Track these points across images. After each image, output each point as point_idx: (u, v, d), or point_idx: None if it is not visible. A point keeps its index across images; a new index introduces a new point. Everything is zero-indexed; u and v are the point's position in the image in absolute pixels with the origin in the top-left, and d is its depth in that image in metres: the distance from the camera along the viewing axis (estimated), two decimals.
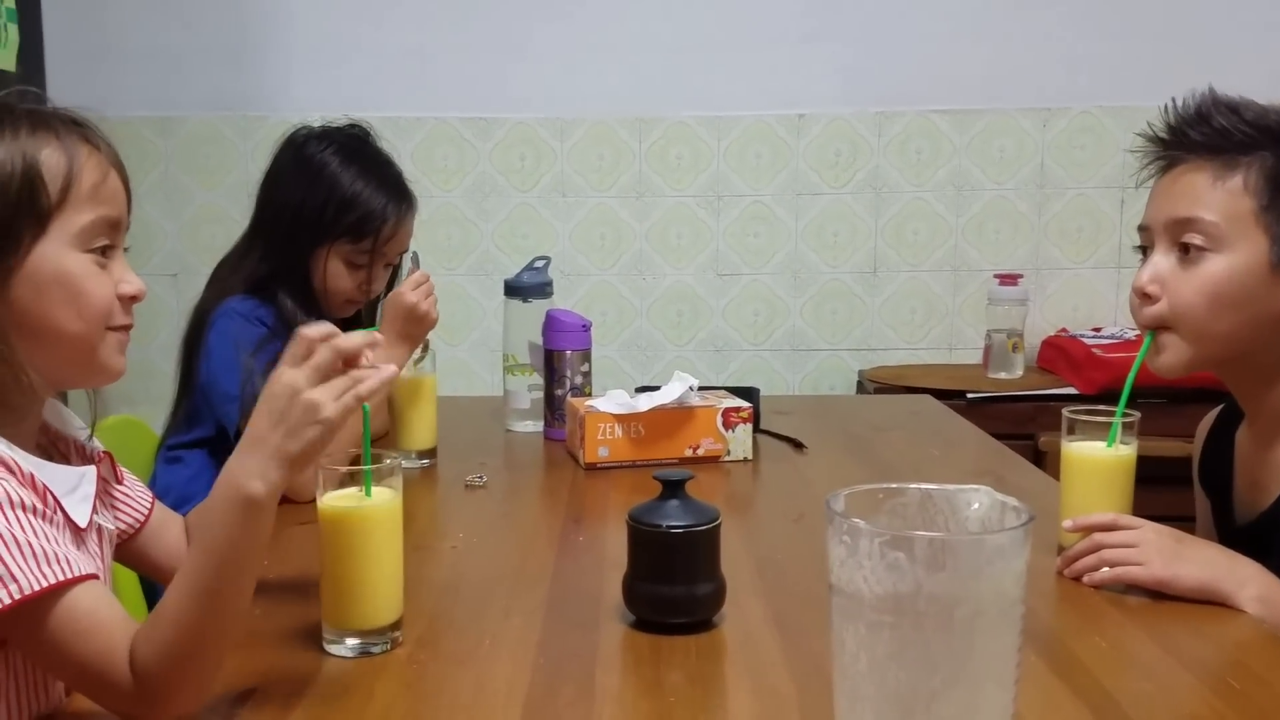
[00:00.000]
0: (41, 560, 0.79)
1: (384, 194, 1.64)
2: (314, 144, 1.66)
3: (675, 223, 2.82)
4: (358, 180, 1.62)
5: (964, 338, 2.85)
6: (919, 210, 2.82)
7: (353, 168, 1.63)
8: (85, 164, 0.90)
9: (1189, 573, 1.08)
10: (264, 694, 0.90)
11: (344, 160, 1.64)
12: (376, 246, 1.64)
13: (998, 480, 1.51)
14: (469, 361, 2.85)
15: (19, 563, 0.78)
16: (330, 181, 1.62)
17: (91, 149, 0.91)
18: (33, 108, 0.91)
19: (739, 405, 1.64)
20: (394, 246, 1.68)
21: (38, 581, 0.78)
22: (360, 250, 1.63)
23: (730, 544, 1.08)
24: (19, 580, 0.78)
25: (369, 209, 1.62)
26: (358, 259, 1.64)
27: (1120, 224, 2.81)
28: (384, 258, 1.67)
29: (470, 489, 1.51)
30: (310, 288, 1.65)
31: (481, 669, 0.95)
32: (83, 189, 0.89)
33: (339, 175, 1.62)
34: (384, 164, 1.70)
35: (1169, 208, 1.16)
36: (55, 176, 0.88)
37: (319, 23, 2.76)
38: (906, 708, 0.62)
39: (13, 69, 2.25)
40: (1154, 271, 1.16)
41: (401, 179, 1.70)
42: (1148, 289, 1.16)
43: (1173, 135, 1.17)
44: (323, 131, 1.69)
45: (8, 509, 0.80)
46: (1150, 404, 2.22)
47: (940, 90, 2.77)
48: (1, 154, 0.86)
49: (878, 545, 0.62)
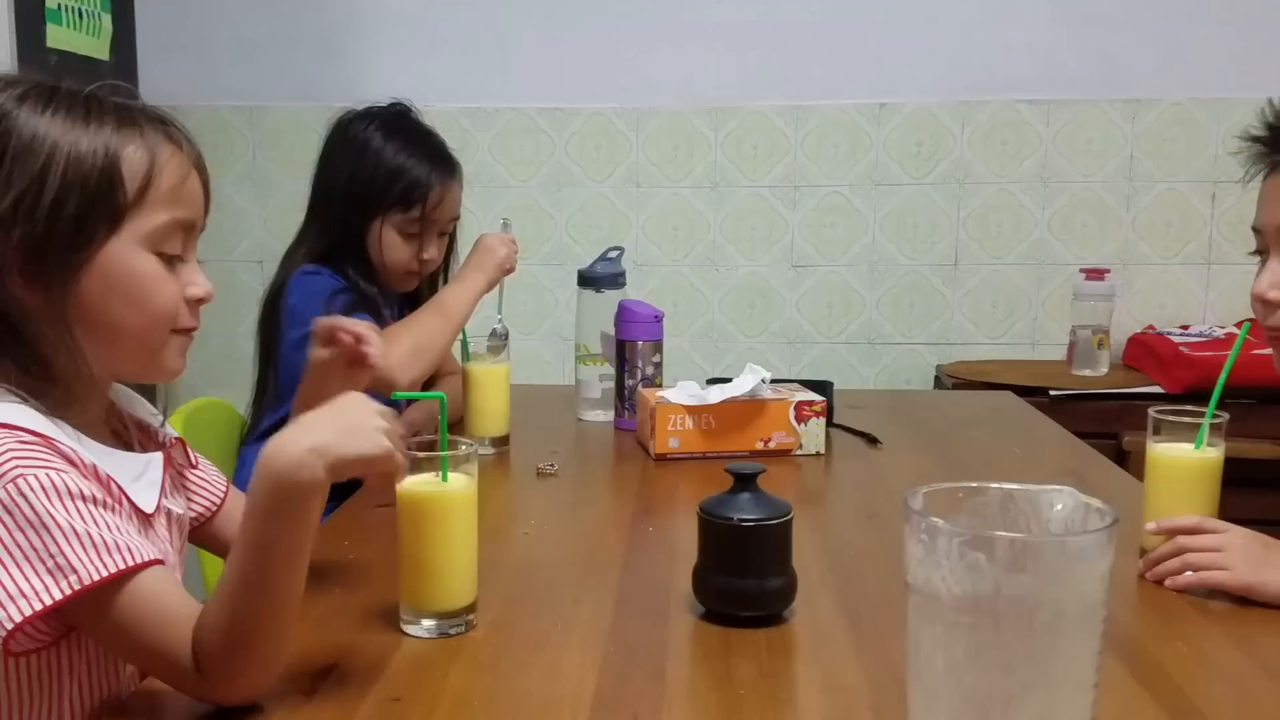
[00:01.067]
0: (101, 550, 0.81)
1: (427, 163, 1.71)
2: (358, 124, 1.73)
3: (750, 214, 2.81)
4: (401, 153, 1.70)
5: (1048, 333, 2.79)
6: (1003, 202, 2.76)
7: (395, 141, 1.71)
8: (167, 164, 0.90)
9: (1276, 580, 1.05)
10: (342, 671, 0.92)
11: (386, 135, 1.71)
12: (426, 213, 1.71)
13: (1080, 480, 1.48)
14: (541, 351, 2.87)
15: (79, 554, 0.80)
16: (375, 156, 1.69)
17: (175, 149, 0.92)
18: (122, 102, 0.92)
19: (812, 399, 1.63)
20: (443, 212, 1.74)
21: (97, 572, 0.80)
22: (411, 218, 1.70)
23: (802, 539, 1.08)
24: (78, 571, 0.80)
25: (414, 178, 1.69)
26: (410, 228, 1.71)
27: (1211, 219, 2.72)
28: (436, 225, 1.74)
29: (542, 476, 1.53)
30: (369, 262, 1.71)
31: (553, 654, 0.96)
32: (161, 189, 0.90)
33: (383, 149, 1.70)
34: (426, 134, 1.77)
35: (1277, 214, 1.13)
36: (135, 175, 0.88)
37: (402, 14, 2.80)
38: (983, 710, 0.62)
39: (106, 58, 2.32)
40: (1272, 278, 1.14)
41: (444, 147, 1.77)
42: (1269, 296, 1.13)
43: (1272, 136, 1.13)
44: (366, 112, 1.76)
45: (68, 501, 0.81)
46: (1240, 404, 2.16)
47: (1027, 79, 2.71)
48: (85, 146, 0.87)
49: (957, 545, 0.61)
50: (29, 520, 0.80)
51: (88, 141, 0.87)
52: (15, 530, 0.80)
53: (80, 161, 0.86)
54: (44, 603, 0.79)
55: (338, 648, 0.96)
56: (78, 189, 0.86)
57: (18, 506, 0.80)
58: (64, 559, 0.80)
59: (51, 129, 0.86)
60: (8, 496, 0.80)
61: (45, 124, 0.87)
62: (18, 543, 0.80)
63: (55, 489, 0.81)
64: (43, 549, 0.80)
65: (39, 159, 0.86)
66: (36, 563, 0.80)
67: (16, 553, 0.80)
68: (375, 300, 1.70)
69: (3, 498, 0.80)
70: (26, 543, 0.80)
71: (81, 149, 0.87)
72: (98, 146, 0.87)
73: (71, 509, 0.81)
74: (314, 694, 0.88)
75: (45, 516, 0.80)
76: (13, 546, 0.80)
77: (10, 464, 0.81)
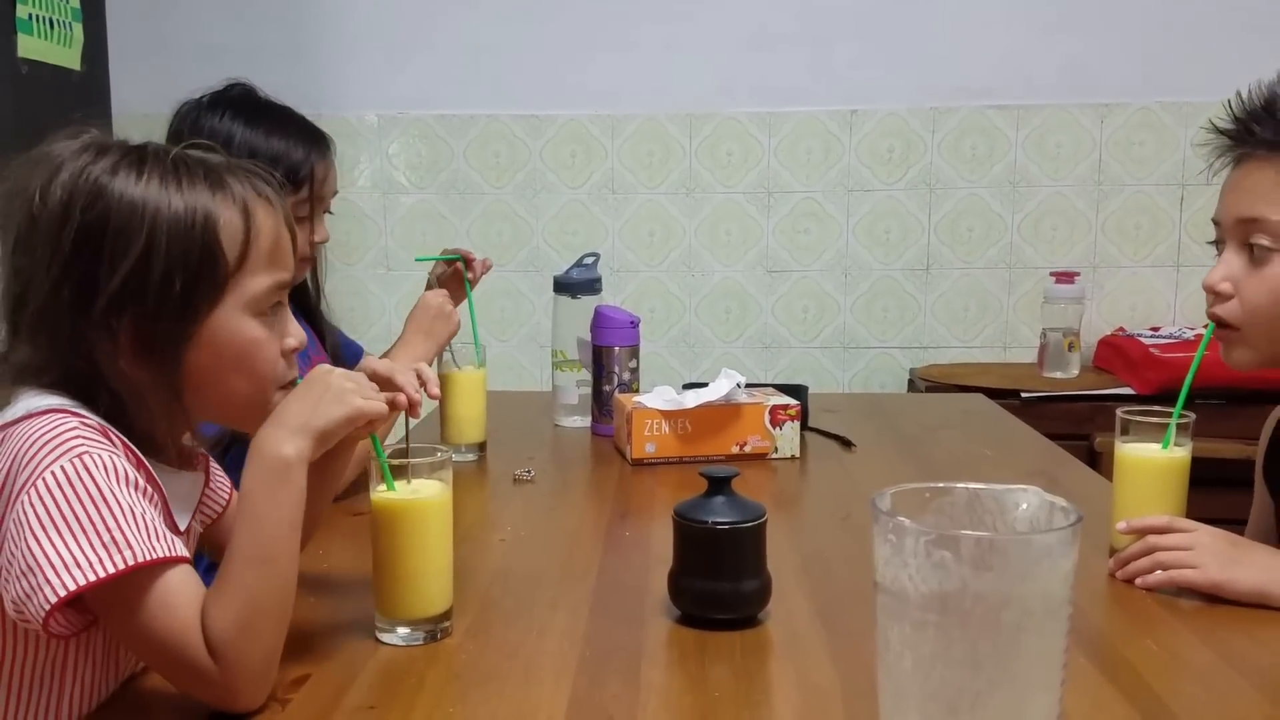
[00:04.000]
0: (154, 534, 0.82)
1: (303, 140, 1.59)
2: (208, 115, 1.58)
3: (725, 219, 2.82)
4: (272, 136, 1.57)
5: (1019, 336, 2.81)
6: (973, 207, 2.79)
7: (261, 126, 1.57)
8: (263, 225, 0.90)
9: (1245, 577, 1.06)
10: (318, 680, 0.92)
11: (248, 122, 1.57)
12: (314, 191, 1.59)
13: (1051, 481, 1.50)
14: (518, 357, 2.87)
15: (135, 532, 0.81)
16: (245, 146, 1.54)
17: (266, 205, 0.91)
18: (208, 159, 0.91)
19: (786, 403, 1.64)
20: (329, 187, 1.64)
21: (150, 551, 0.81)
22: (300, 200, 1.58)
23: (777, 541, 1.08)
24: (134, 547, 0.80)
25: (295, 159, 1.57)
26: (299, 210, 1.58)
27: (1179, 222, 2.75)
28: (323, 203, 1.63)
29: (518, 483, 1.53)
30: None
31: (529, 660, 0.96)
32: (261, 252, 0.90)
33: (251, 137, 1.56)
34: (287, 112, 1.63)
35: (1235, 206, 1.14)
36: (234, 241, 0.88)
37: (375, 21, 2.80)
38: (951, 707, 0.62)
39: (77, 67, 2.31)
40: (1226, 271, 1.15)
41: (309, 122, 1.64)
42: (1219, 288, 1.15)
43: (1238, 129, 1.15)
44: (210, 100, 1.60)
45: (126, 485, 0.83)
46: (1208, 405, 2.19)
47: (996, 85, 2.74)
48: (183, 215, 0.86)
49: (923, 544, 0.61)
50: (90, 495, 0.81)
51: (185, 210, 0.87)
52: (75, 502, 0.80)
53: (181, 234, 0.86)
54: (96, 575, 0.79)
55: (312, 656, 0.96)
56: (180, 263, 0.86)
57: (81, 480, 0.81)
58: (120, 534, 0.80)
59: (148, 199, 0.86)
60: (72, 470, 0.81)
61: (141, 193, 0.86)
62: (76, 515, 0.80)
63: (115, 470, 0.83)
64: (100, 523, 0.80)
65: (141, 236, 0.85)
66: (93, 535, 0.80)
67: (75, 524, 0.80)
68: None
69: (67, 470, 0.81)
70: (85, 515, 0.80)
71: (180, 219, 0.86)
72: (196, 216, 0.87)
73: (129, 492, 0.83)
74: (288, 703, 0.88)
75: (106, 492, 0.81)
76: (71, 518, 0.80)
77: (75, 440, 0.82)
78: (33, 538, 0.79)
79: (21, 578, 0.79)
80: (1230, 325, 1.15)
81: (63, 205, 0.85)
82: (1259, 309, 1.12)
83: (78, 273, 0.85)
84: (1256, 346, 1.14)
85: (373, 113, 2.83)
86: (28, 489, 0.80)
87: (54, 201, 0.86)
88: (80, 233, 0.85)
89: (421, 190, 2.85)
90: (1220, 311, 1.15)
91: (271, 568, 0.85)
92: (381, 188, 2.85)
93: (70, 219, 0.85)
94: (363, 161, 2.83)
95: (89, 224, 0.85)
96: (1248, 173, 1.13)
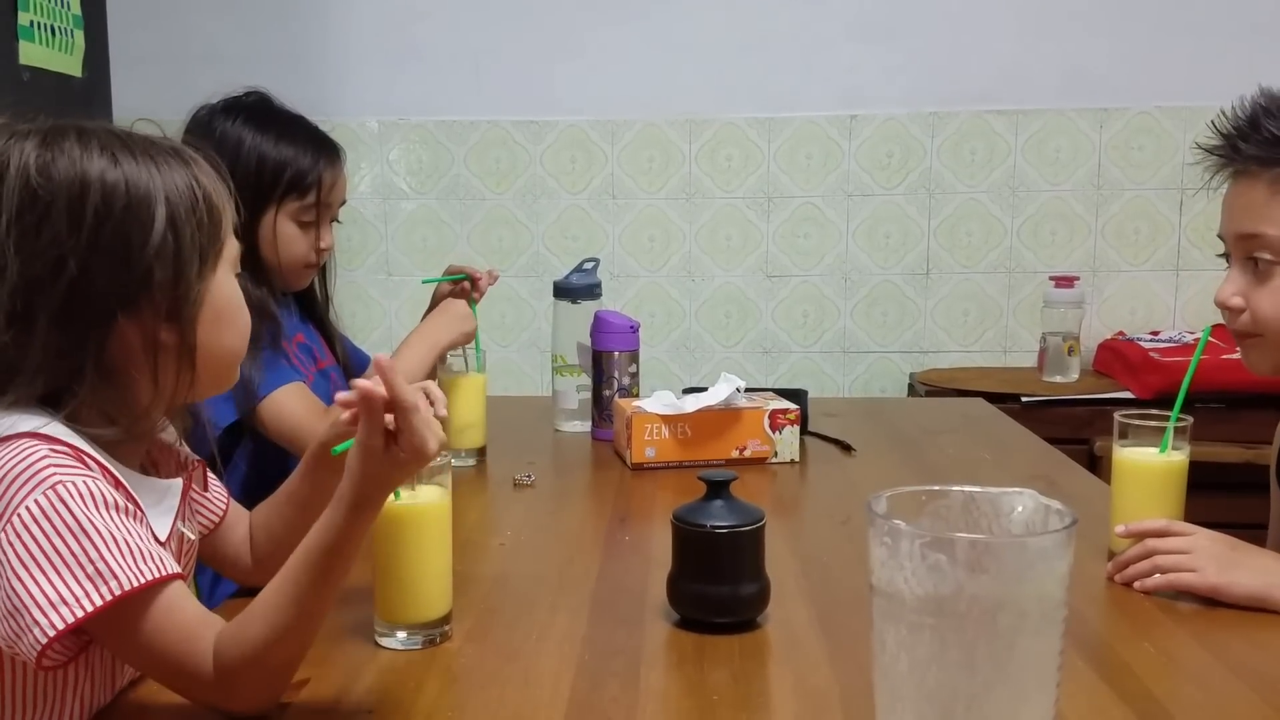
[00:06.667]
0: (139, 558, 0.81)
1: (312, 146, 1.62)
2: (221, 119, 1.61)
3: (725, 224, 2.83)
4: (281, 141, 1.59)
5: (1019, 340, 2.82)
6: (973, 211, 2.79)
7: (271, 130, 1.60)
8: (224, 191, 0.94)
9: (1243, 580, 1.07)
10: (317, 684, 0.92)
11: (259, 127, 1.60)
12: (321, 198, 1.61)
13: (1050, 485, 1.50)
14: (518, 362, 2.87)
15: (119, 560, 0.80)
16: (255, 150, 1.58)
17: (215, 174, 0.94)
18: (152, 138, 0.92)
19: (786, 407, 1.64)
20: (337, 195, 1.66)
21: (137, 577, 0.80)
22: (307, 205, 1.60)
23: (775, 545, 1.09)
24: (119, 576, 0.79)
25: (303, 164, 1.59)
26: (306, 216, 1.60)
27: (1179, 226, 2.76)
28: (330, 210, 1.65)
29: (519, 487, 1.53)
30: (259, 263, 1.59)
31: (528, 663, 0.96)
32: (229, 214, 0.94)
33: (261, 142, 1.59)
34: (299, 120, 1.66)
35: (1233, 223, 1.15)
36: (221, 206, 0.92)
37: (376, 27, 2.81)
38: (946, 710, 0.63)
39: (79, 74, 2.32)
40: (1234, 286, 1.16)
41: (320, 131, 1.67)
42: (1230, 303, 1.16)
43: (1225, 147, 1.15)
44: (225, 105, 1.63)
45: (105, 509, 0.81)
46: (1207, 409, 2.19)
47: (995, 90, 2.74)
48: (180, 183, 0.88)
49: (919, 547, 0.62)
50: (68, 526, 0.79)
51: (178, 179, 0.89)
52: (55, 536, 0.79)
53: (183, 199, 0.88)
54: (84, 610, 0.78)
55: (311, 660, 0.95)
56: (191, 226, 0.89)
57: (57, 513, 0.79)
58: (104, 564, 0.79)
59: (142, 173, 0.87)
60: (47, 503, 0.79)
61: (134, 171, 0.87)
62: (56, 549, 0.79)
63: (93, 496, 0.81)
64: (82, 555, 0.79)
65: (152, 206, 0.87)
66: (76, 569, 0.79)
67: (56, 559, 0.79)
68: (265, 304, 1.56)
69: (42, 504, 0.79)
70: (66, 549, 0.79)
71: (179, 187, 0.88)
72: (190, 181, 0.90)
73: (109, 517, 0.81)
74: (288, 707, 0.88)
75: (85, 523, 0.80)
76: (52, 554, 0.79)
77: (48, 471, 0.81)
78: (15, 577, 0.78)
79: (9, 618, 0.79)
80: (1250, 335, 1.16)
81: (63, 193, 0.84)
82: (1270, 320, 1.14)
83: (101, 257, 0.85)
84: (1274, 350, 1.16)
85: (373, 119, 2.84)
86: (3, 526, 0.79)
87: (45, 191, 0.84)
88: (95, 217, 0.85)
89: (422, 196, 2.86)
90: (1238, 326, 1.17)
91: (313, 606, 0.84)
92: (382, 193, 2.86)
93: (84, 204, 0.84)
94: (363, 167, 2.83)
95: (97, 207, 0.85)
96: (1241, 190, 1.14)
